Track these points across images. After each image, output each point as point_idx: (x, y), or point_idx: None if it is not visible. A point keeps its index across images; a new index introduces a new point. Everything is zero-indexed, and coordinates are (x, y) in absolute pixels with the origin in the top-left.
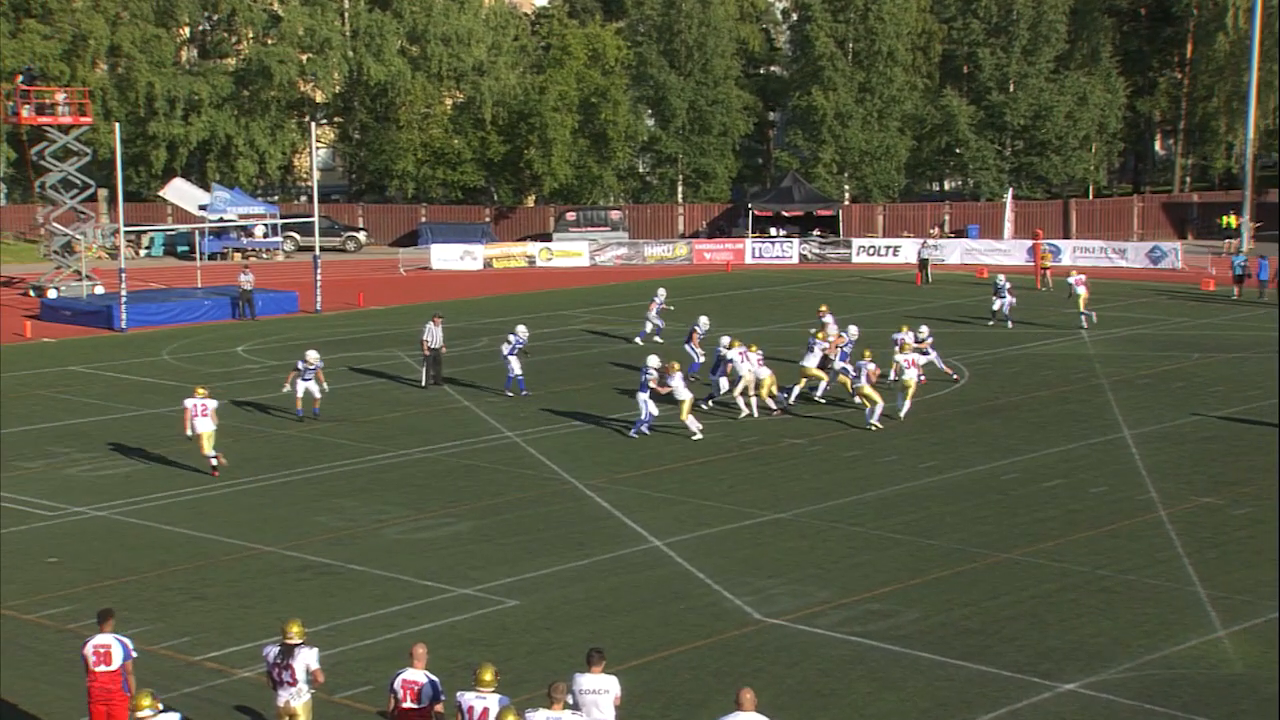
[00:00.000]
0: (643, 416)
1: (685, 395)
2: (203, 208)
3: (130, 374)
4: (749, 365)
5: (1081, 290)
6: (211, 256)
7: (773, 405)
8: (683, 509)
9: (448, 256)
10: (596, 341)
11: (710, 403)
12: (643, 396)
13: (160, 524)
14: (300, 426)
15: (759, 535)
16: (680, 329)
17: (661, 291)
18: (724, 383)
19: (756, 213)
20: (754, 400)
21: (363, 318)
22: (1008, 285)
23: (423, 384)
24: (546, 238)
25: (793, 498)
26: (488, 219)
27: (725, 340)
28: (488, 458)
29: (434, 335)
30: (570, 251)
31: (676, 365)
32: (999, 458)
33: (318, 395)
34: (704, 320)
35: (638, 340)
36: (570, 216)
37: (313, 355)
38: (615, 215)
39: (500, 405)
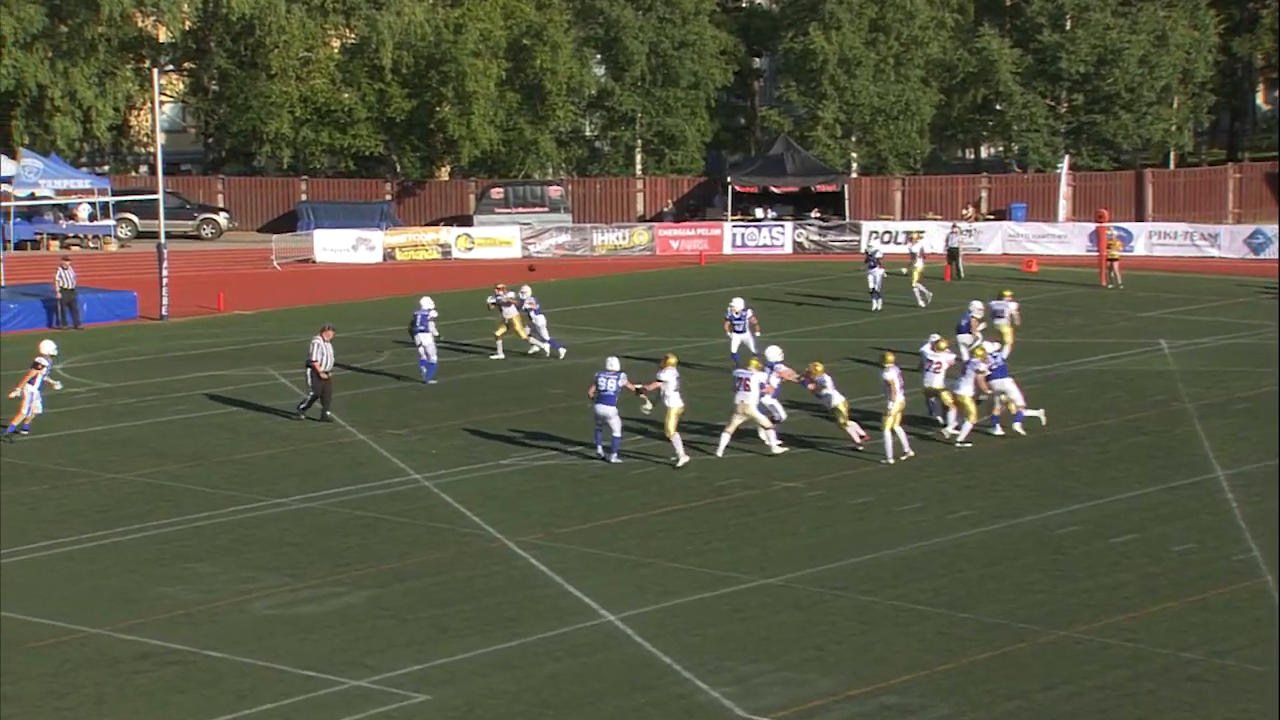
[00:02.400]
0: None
1: (838, 397)
2: (6, 180)
3: None
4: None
5: (920, 264)
6: (19, 245)
7: (855, 436)
8: (644, 573)
9: (336, 245)
10: (528, 357)
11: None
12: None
13: None
14: (139, 467)
15: (742, 606)
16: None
17: (737, 302)
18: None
19: (738, 188)
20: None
21: (224, 326)
22: (879, 255)
23: (302, 415)
24: (466, 221)
25: (786, 558)
26: (388, 197)
27: (775, 352)
28: (388, 507)
29: (324, 353)
30: (496, 239)
31: (820, 367)
32: (1053, 505)
33: (25, 410)
34: (738, 303)
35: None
36: (496, 194)
37: (49, 346)
38: (554, 192)
39: (404, 440)
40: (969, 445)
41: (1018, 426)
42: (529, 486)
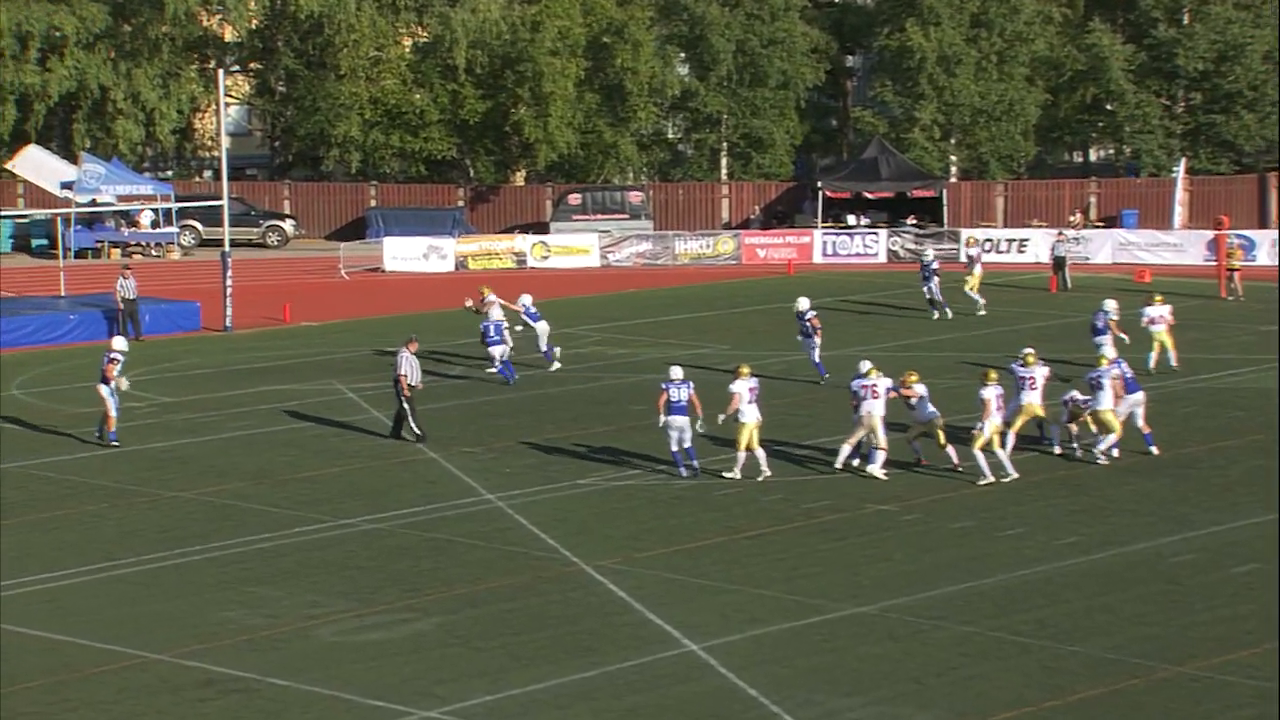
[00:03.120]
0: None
1: (933, 414)
2: (67, 186)
3: None
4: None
5: (978, 270)
6: (80, 254)
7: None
8: (728, 600)
9: (406, 254)
10: (608, 370)
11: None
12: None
13: (5, 624)
14: (201, 485)
15: (832, 636)
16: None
17: (803, 301)
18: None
19: (829, 194)
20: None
21: (289, 338)
22: (935, 264)
23: (419, 443)
24: (542, 229)
25: (879, 585)
26: (461, 203)
27: (865, 366)
28: (460, 529)
29: (411, 367)
30: (574, 247)
31: (914, 376)
32: (1168, 532)
33: (112, 412)
34: (803, 302)
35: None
36: (574, 200)
37: (120, 342)
38: (635, 198)
39: (477, 458)
40: (1109, 460)
41: (1099, 452)
42: (607, 508)
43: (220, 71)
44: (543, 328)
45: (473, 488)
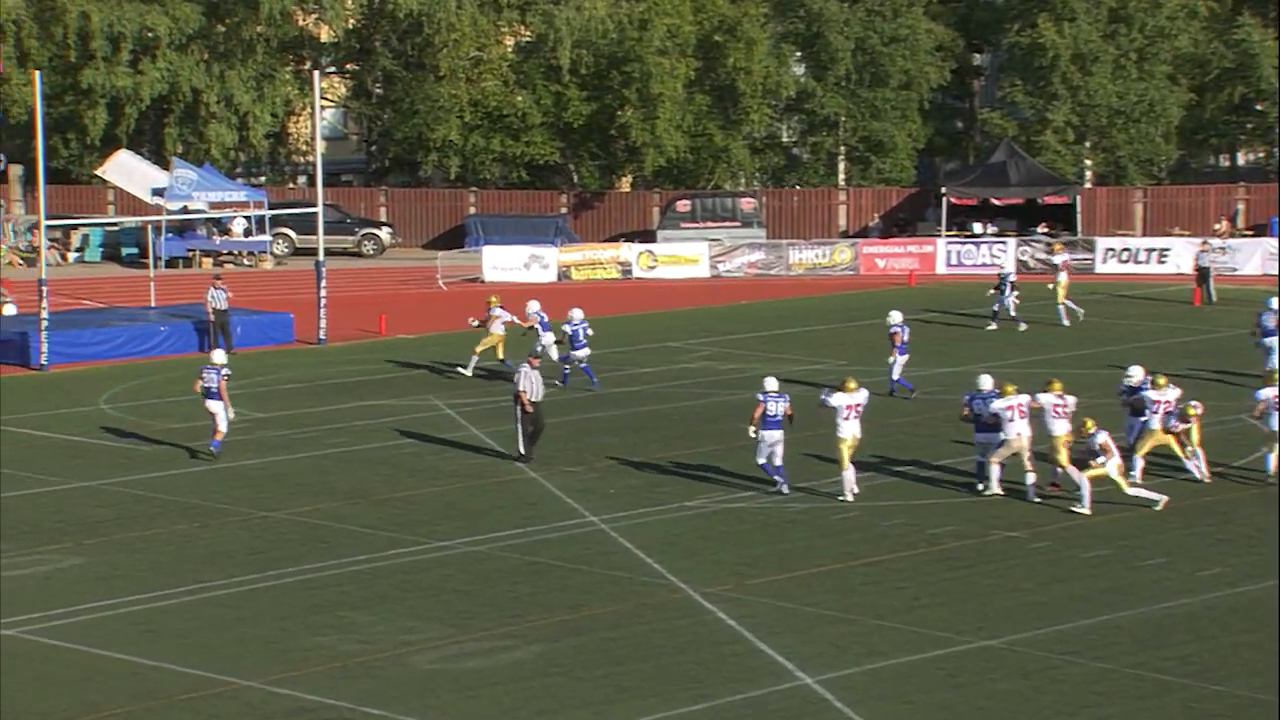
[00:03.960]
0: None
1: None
2: (158, 193)
3: (52, 431)
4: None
5: (1064, 278)
6: (171, 263)
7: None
8: (845, 631)
9: (507, 263)
10: (718, 386)
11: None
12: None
13: (92, 646)
14: (293, 505)
15: (957, 671)
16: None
17: (895, 315)
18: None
19: (954, 200)
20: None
21: (385, 351)
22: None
23: (522, 453)
24: (649, 237)
25: (1007, 617)
26: (564, 210)
27: (986, 381)
28: (561, 552)
29: (532, 382)
30: (682, 257)
31: (1091, 423)
32: None
33: (223, 423)
34: (895, 313)
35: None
36: (683, 207)
37: (219, 356)
38: (747, 205)
39: (579, 478)
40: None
41: (1193, 467)
42: (716, 531)
43: (316, 73)
44: (550, 338)
45: (575, 509)
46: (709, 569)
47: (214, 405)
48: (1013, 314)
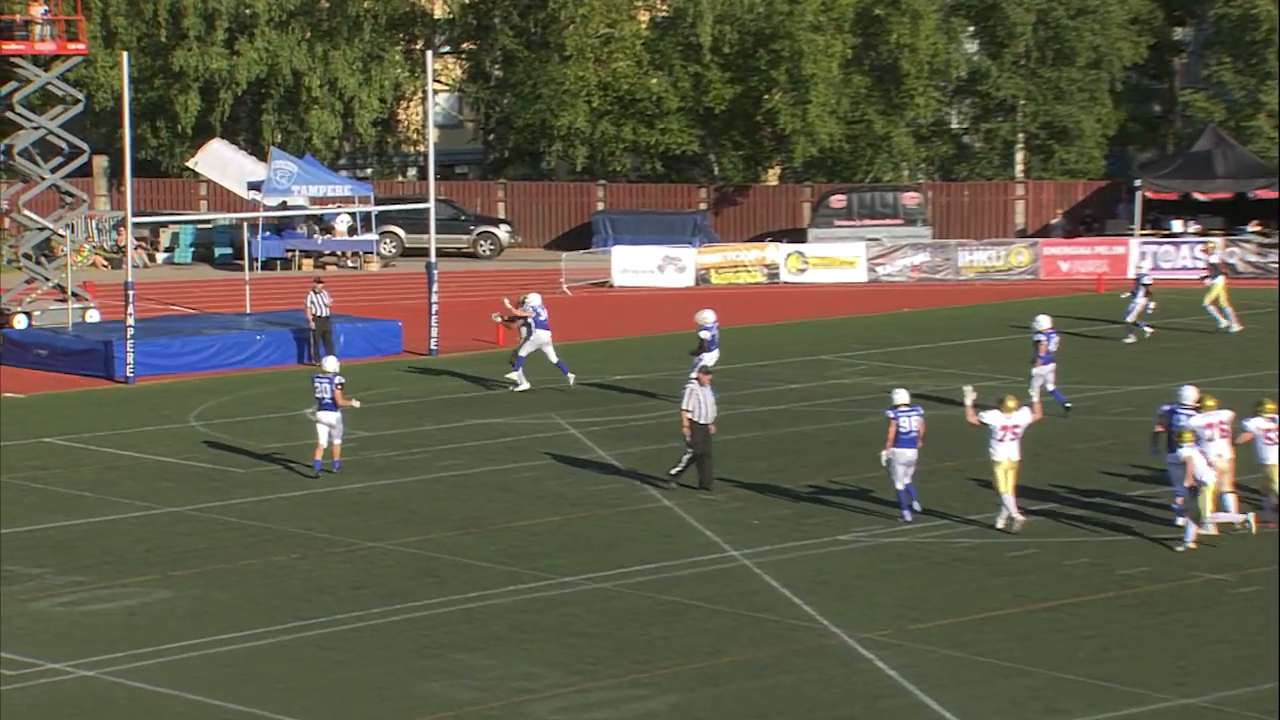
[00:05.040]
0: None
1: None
2: (254, 187)
3: (138, 450)
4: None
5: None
6: (268, 264)
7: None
8: (1022, 684)
9: (638, 265)
10: (876, 404)
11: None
12: None
13: (180, 690)
14: (400, 535)
15: None
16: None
17: (1044, 319)
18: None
19: (1149, 195)
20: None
21: (504, 363)
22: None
23: (673, 473)
24: (798, 236)
25: (1211, 671)
26: (703, 206)
27: (1189, 393)
28: (699, 591)
29: (701, 401)
30: (836, 259)
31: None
32: None
33: (338, 436)
34: (1043, 318)
35: None
36: (837, 202)
37: (331, 364)
38: (911, 200)
39: (718, 507)
40: None
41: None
42: (874, 569)
43: (428, 54)
44: (543, 336)
45: (714, 542)
46: (866, 611)
47: (328, 417)
48: (1129, 319)
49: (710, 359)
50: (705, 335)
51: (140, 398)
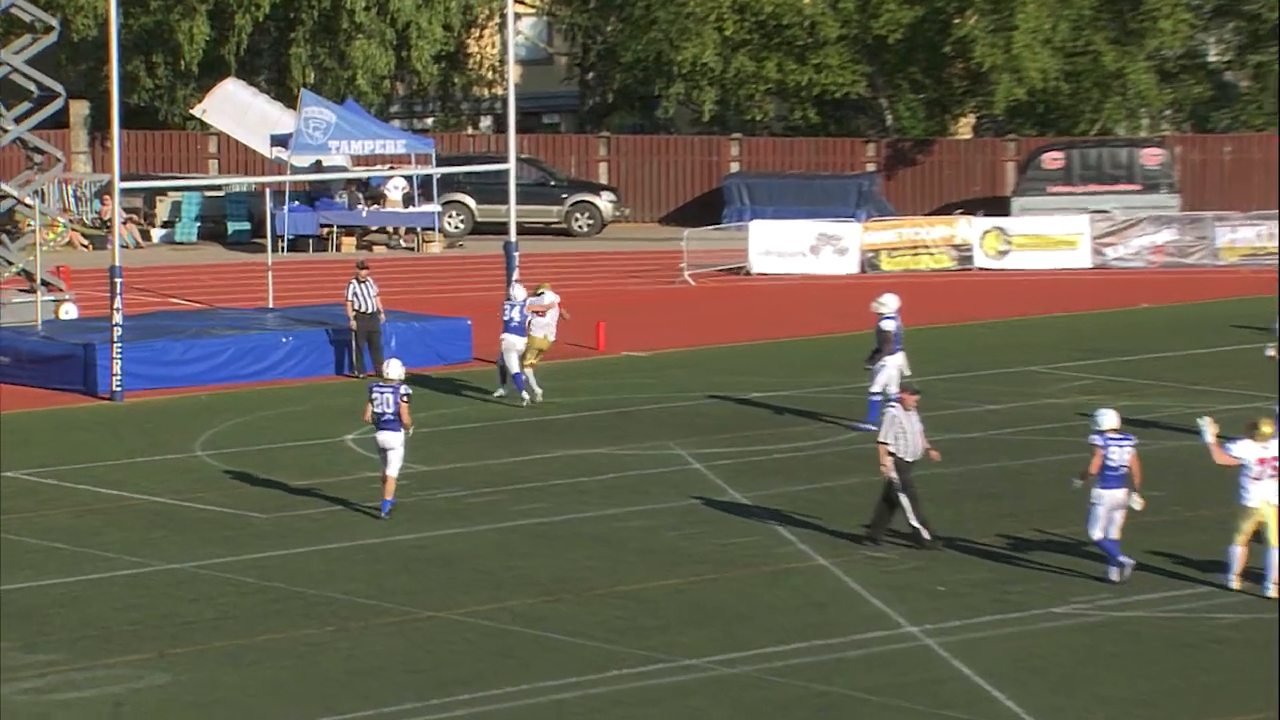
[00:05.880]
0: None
1: None
2: (280, 142)
3: (127, 488)
4: None
5: None
6: (297, 244)
7: None
8: None
9: (785, 245)
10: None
11: None
12: None
13: None
14: (469, 601)
15: None
16: None
17: None
18: None
19: None
20: None
21: (604, 375)
22: None
23: (868, 525)
24: (998, 207)
25: None
26: (872, 167)
27: None
28: (865, 679)
29: (904, 430)
30: (1049, 237)
31: None
32: None
33: (395, 467)
34: None
35: None
36: (1052, 162)
37: (395, 369)
38: (1151, 159)
39: (888, 567)
40: None
41: None
42: (1101, 651)
43: None
44: (516, 341)
45: (884, 614)
46: (1090, 708)
47: (391, 440)
48: None
49: (898, 365)
50: (888, 325)
51: (130, 419)
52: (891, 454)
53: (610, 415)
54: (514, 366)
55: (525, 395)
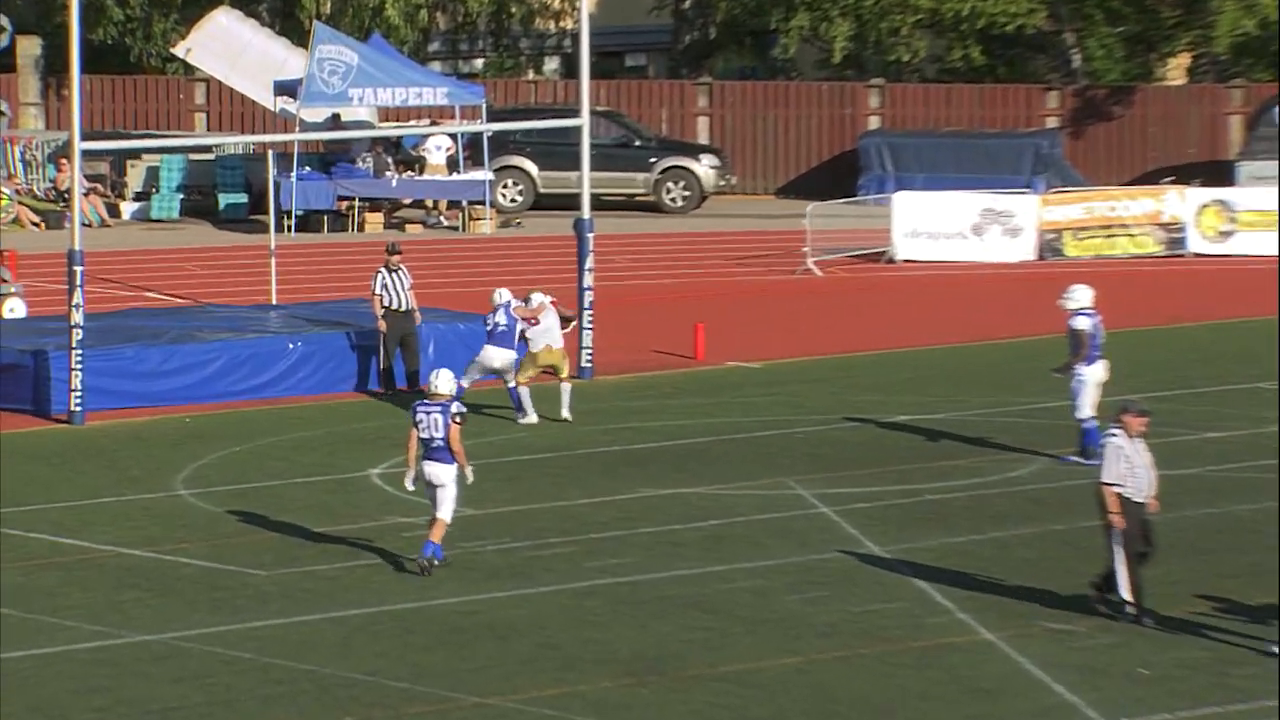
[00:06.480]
0: None
1: None
2: (286, 90)
3: (90, 536)
4: None
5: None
6: (307, 222)
7: None
8: None
9: (938, 224)
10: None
11: None
12: None
13: None
14: (531, 686)
15: None
16: None
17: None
18: None
19: None
20: None
21: (703, 392)
22: None
23: (1128, 601)
24: (1219, 174)
25: None
26: (1053, 123)
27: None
28: None
29: (1135, 467)
30: None
31: None
32: None
33: (447, 509)
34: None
35: None
36: None
37: (446, 381)
38: None
39: (1080, 644)
40: None
41: None
42: None
43: None
44: (496, 355)
45: (1070, 705)
46: None
47: (440, 474)
48: None
49: (1099, 375)
50: (1082, 323)
51: (94, 448)
52: (1122, 495)
53: (712, 444)
54: (469, 377)
55: (525, 415)
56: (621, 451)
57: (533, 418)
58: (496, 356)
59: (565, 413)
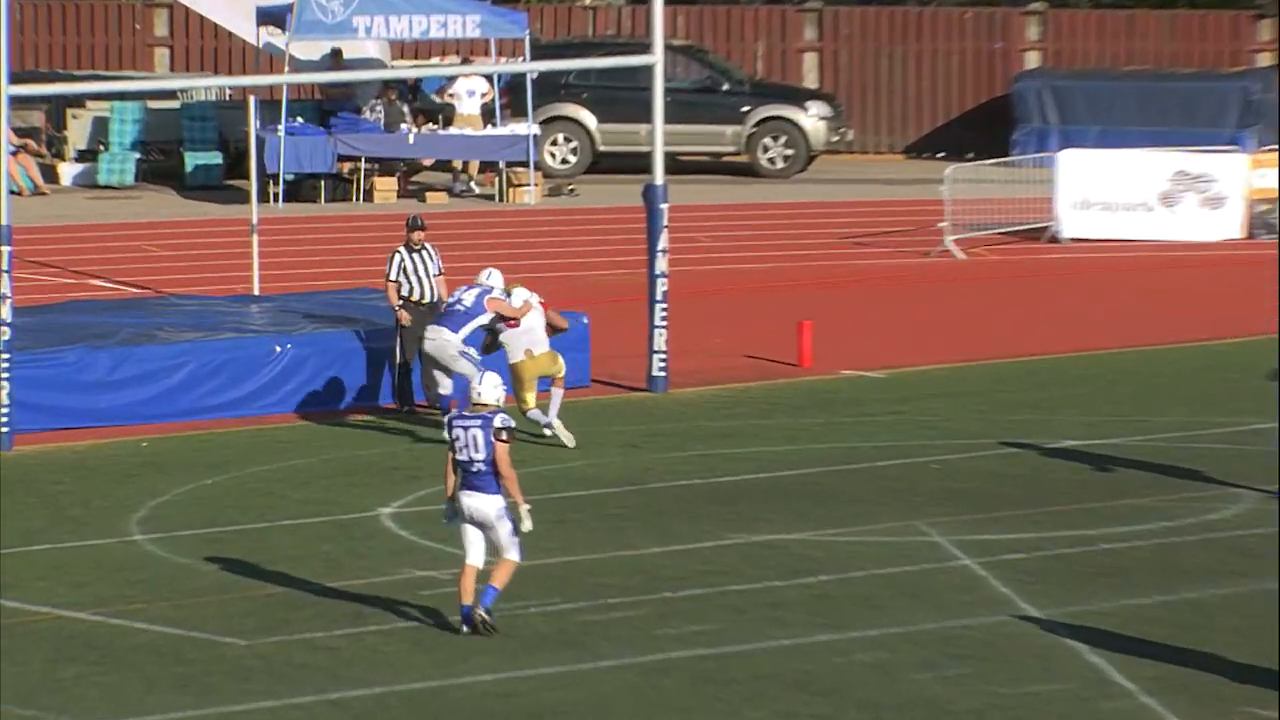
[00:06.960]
0: None
1: None
2: (272, 19)
3: (22, 596)
4: None
5: None
6: (298, 190)
7: None
8: None
9: (1116, 194)
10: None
11: None
12: None
13: None
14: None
15: None
16: None
17: None
18: None
19: None
20: None
21: (810, 407)
22: None
23: None
24: None
25: None
26: (1266, 61)
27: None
28: None
29: None
30: None
31: None
32: None
33: (479, 553)
34: None
35: None
36: None
37: (492, 388)
38: None
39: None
40: None
41: None
42: None
43: None
44: (433, 334)
45: None
46: None
47: (483, 506)
48: None
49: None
50: None
51: (25, 480)
52: None
53: (821, 476)
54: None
55: (554, 432)
56: (704, 486)
57: (567, 437)
58: (433, 335)
59: (556, 430)
